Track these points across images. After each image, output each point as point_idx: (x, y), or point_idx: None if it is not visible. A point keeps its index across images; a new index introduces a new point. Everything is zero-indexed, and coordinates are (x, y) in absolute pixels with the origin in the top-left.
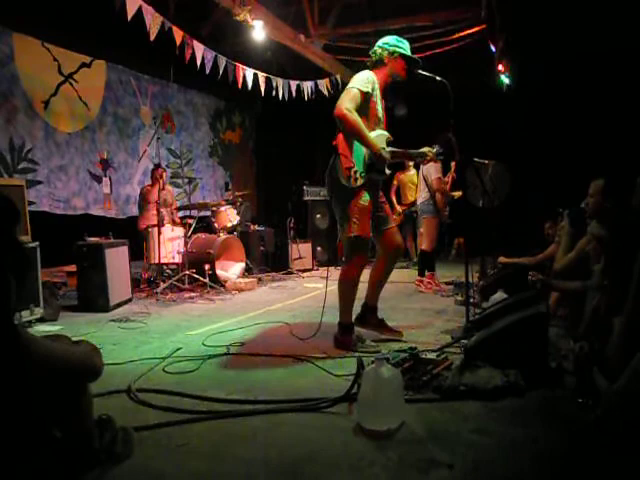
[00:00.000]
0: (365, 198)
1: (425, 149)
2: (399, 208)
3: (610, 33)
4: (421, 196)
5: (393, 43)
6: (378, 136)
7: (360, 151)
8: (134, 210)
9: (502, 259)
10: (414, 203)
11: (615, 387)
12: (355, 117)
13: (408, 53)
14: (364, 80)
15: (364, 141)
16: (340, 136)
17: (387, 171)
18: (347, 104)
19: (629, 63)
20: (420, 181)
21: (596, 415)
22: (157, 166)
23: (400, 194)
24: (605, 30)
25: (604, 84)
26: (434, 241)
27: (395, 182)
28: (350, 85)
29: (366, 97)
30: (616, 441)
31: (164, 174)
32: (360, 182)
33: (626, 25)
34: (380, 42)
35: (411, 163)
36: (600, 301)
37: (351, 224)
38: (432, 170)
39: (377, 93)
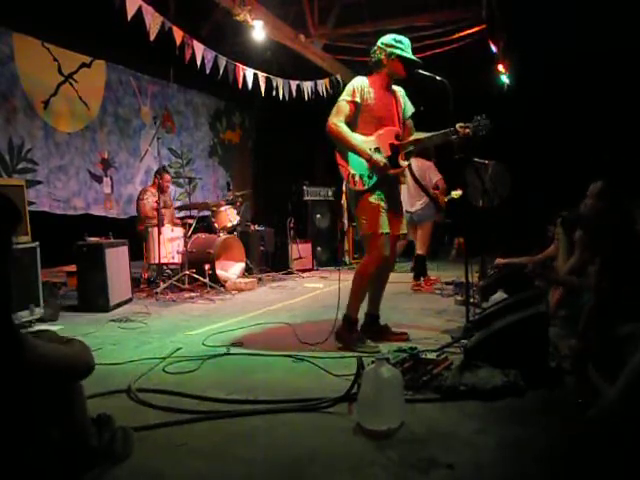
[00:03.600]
0: (374, 197)
1: (459, 124)
2: None
3: (610, 33)
4: (417, 202)
5: (390, 43)
6: (384, 133)
7: (356, 156)
8: (135, 210)
9: (499, 260)
10: None
11: (614, 390)
12: (340, 129)
13: (405, 54)
14: (350, 90)
15: (354, 150)
16: (336, 150)
17: (403, 163)
18: (333, 118)
19: (629, 63)
20: (412, 186)
21: (590, 415)
22: (166, 171)
23: None
24: (605, 30)
25: (604, 84)
26: (429, 245)
27: None
28: (340, 98)
29: (357, 105)
30: (613, 442)
31: (166, 177)
32: (368, 184)
33: (626, 25)
34: (379, 42)
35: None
36: (597, 301)
37: (361, 223)
38: (432, 172)
39: (371, 96)
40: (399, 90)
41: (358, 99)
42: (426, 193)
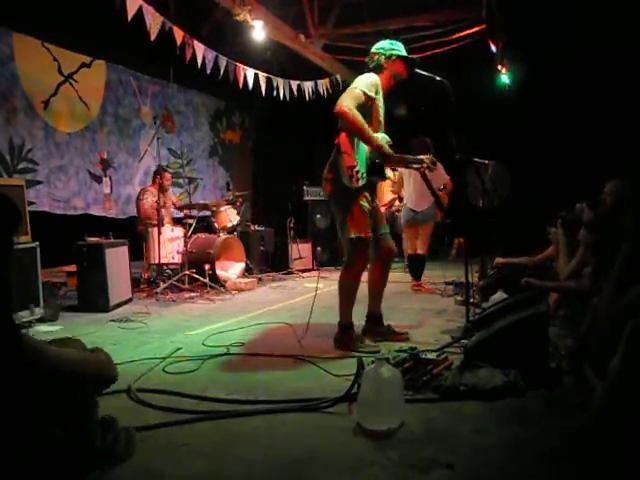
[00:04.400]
0: (364, 201)
1: (423, 156)
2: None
3: (611, 33)
4: (424, 202)
5: (388, 47)
6: (381, 139)
7: (362, 151)
8: (135, 210)
9: (499, 260)
10: (392, 203)
11: (600, 389)
12: (355, 114)
13: (405, 54)
14: (369, 83)
15: (365, 137)
16: (343, 135)
17: (387, 173)
18: (347, 102)
19: (629, 63)
20: (420, 186)
21: (585, 418)
22: (165, 170)
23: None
24: (606, 30)
25: (604, 84)
26: (430, 245)
27: None
28: (354, 85)
29: (369, 100)
30: (608, 442)
31: (167, 175)
32: (362, 183)
33: (627, 25)
34: (374, 48)
35: None
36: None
37: (351, 225)
38: (441, 173)
39: (380, 97)
40: None
41: (373, 94)
42: (433, 193)
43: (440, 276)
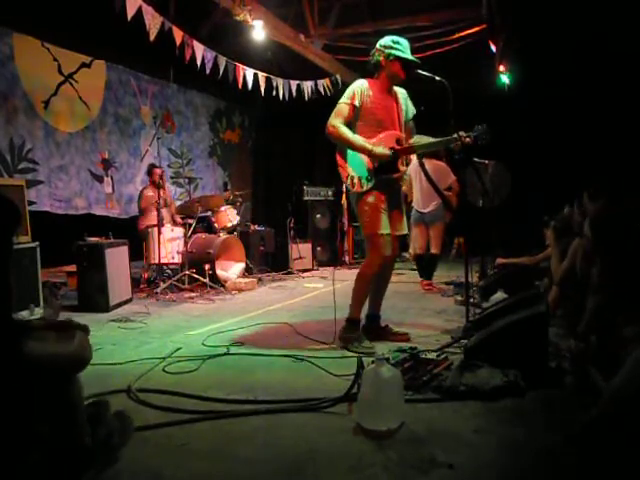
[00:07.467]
0: (372, 198)
1: (461, 133)
2: None
3: (612, 34)
4: (431, 202)
5: (388, 45)
6: (386, 137)
7: (357, 158)
8: (137, 209)
9: (500, 260)
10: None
11: (610, 388)
12: (339, 130)
13: (404, 55)
14: (348, 93)
15: (355, 148)
16: (337, 151)
17: (402, 168)
18: (332, 121)
19: (630, 64)
20: (426, 187)
21: (592, 416)
22: (154, 166)
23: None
24: (607, 31)
25: (605, 84)
26: (442, 245)
27: None
28: (340, 100)
29: (355, 109)
30: (613, 442)
31: (163, 174)
32: (366, 186)
33: (628, 26)
34: (378, 44)
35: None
36: (602, 302)
37: (362, 224)
38: (447, 173)
39: (371, 99)
40: (400, 92)
41: (357, 102)
42: (439, 194)
43: (440, 276)
